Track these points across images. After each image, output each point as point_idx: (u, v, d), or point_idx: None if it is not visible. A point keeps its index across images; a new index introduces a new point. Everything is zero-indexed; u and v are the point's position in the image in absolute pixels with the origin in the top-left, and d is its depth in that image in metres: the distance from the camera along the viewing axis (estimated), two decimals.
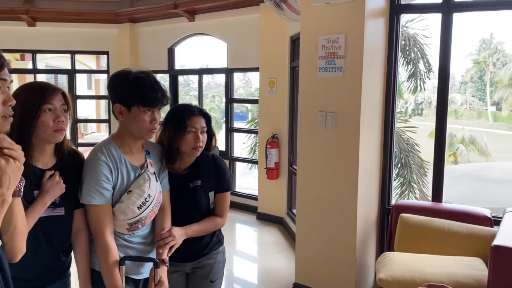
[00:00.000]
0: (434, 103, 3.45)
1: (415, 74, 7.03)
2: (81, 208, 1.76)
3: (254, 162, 5.80)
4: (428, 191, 7.87)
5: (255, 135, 9.06)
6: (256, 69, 5.43)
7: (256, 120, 9.70)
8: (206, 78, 16.80)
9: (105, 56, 7.16)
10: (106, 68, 7.26)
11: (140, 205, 1.76)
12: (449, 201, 8.41)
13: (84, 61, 11.58)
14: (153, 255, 1.90)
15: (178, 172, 2.03)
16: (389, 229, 3.24)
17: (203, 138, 2.03)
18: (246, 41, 5.62)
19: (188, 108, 2.06)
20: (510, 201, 9.23)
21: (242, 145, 9.24)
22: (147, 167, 1.85)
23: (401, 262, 2.75)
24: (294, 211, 5.07)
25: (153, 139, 1.98)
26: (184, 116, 2.00)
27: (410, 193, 7.83)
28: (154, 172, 1.87)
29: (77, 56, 7.33)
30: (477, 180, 10.57)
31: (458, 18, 3.10)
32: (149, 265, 1.82)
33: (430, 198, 3.44)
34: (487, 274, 2.55)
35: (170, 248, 1.86)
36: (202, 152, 2.06)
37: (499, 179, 12.19)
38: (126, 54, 6.90)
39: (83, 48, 7.08)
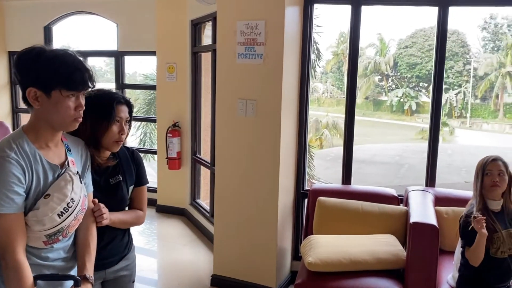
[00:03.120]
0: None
1: None
2: None
3: (151, 152, 5.47)
4: (314, 173, 8.44)
5: (145, 124, 8.60)
6: (152, 53, 5.10)
7: (143, 109, 9.22)
8: None
9: None
10: None
11: (62, 212, 1.46)
12: (330, 182, 9.17)
13: None
14: (74, 272, 1.61)
15: (100, 168, 1.79)
16: (306, 213, 3.35)
17: (126, 130, 1.82)
18: (140, 23, 5.22)
19: (115, 94, 1.82)
20: (380, 179, 10.44)
21: (131, 137, 8.66)
22: (68, 165, 1.55)
23: (326, 244, 2.85)
24: (199, 201, 4.96)
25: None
26: (113, 103, 1.76)
27: None
28: (77, 172, 1.58)
29: None
30: None
31: (320, 12, 3.31)
32: (69, 283, 1.54)
33: (316, 180, 3.63)
34: (402, 248, 2.81)
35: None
36: None
37: (368, 160, 13.63)
38: None
39: None
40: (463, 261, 2.38)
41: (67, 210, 1.48)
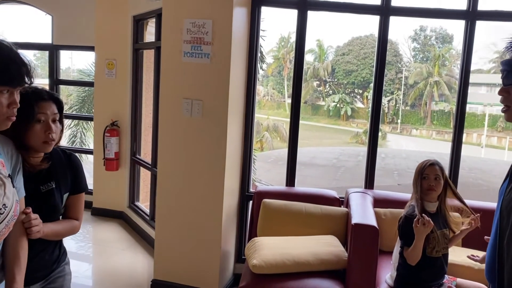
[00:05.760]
0: None
1: None
2: None
3: (87, 152, 5.20)
4: (255, 175, 8.47)
5: (76, 122, 8.18)
6: (91, 48, 4.86)
7: (74, 107, 8.78)
8: None
9: None
10: None
11: None
12: (271, 183, 9.25)
13: None
14: (2, 287, 1.48)
15: (30, 173, 1.61)
16: (251, 215, 3.34)
17: (56, 128, 1.63)
18: (78, 16, 4.96)
19: (36, 90, 1.63)
20: (319, 181, 10.74)
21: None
22: None
23: (270, 246, 2.85)
24: (138, 203, 4.80)
25: None
26: (31, 101, 1.57)
27: None
28: (9, 175, 1.43)
29: None
30: None
31: (262, 16, 3.42)
32: None
33: (258, 182, 3.65)
34: (343, 249, 2.87)
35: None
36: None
37: (306, 162, 13.96)
38: None
39: None
40: (401, 260, 2.48)
41: None
